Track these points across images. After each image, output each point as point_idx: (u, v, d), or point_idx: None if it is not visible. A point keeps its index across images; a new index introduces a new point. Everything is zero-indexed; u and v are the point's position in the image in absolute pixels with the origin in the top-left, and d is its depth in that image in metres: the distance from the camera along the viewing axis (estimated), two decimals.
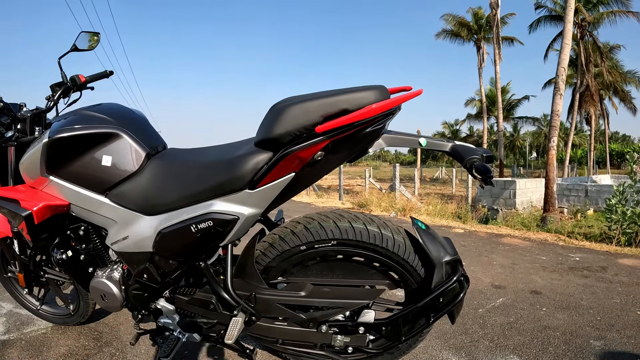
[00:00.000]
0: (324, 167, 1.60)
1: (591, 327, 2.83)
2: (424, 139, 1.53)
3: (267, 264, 1.77)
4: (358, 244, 1.68)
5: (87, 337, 2.61)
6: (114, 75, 2.60)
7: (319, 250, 1.71)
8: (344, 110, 1.41)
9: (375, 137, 1.54)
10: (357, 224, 1.68)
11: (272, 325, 1.80)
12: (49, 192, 1.91)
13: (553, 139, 12.09)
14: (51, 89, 2.34)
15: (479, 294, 3.49)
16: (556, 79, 12.68)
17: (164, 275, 1.83)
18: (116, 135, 1.81)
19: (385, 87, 1.49)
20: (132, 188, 1.78)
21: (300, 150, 1.45)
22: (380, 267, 1.77)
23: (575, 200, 15.28)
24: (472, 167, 1.42)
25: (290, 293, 1.75)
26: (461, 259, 1.71)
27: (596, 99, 32.36)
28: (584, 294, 3.55)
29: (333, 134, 1.42)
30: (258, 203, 1.61)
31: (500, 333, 2.71)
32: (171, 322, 1.93)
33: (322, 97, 1.44)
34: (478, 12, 31.07)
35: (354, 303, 1.75)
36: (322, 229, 1.69)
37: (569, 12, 13.02)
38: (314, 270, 1.82)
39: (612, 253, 5.26)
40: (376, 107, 1.38)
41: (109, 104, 2.06)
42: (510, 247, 5.55)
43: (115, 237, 1.84)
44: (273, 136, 1.47)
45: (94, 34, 2.41)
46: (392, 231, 1.69)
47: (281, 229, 1.78)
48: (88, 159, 1.81)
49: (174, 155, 1.85)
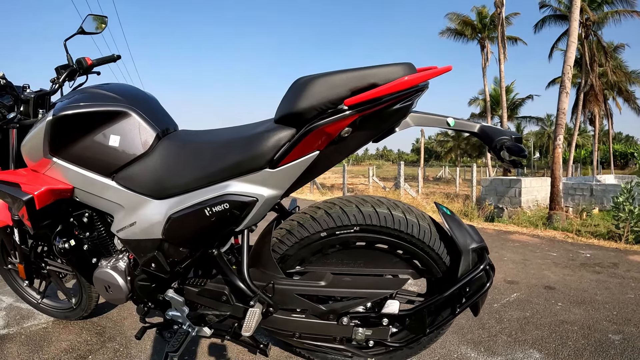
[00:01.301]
0: (350, 145, 1.51)
1: (608, 321, 2.79)
2: (452, 119, 1.46)
3: (284, 252, 1.68)
4: (382, 230, 1.60)
5: (89, 332, 2.52)
6: (113, 64, 2.55)
7: (341, 237, 1.63)
8: (373, 84, 1.35)
9: (403, 114, 1.46)
10: (381, 208, 1.60)
11: (289, 318, 1.71)
12: (51, 175, 1.81)
13: (559, 137, 12.02)
14: (56, 72, 2.26)
15: (493, 289, 3.44)
16: (562, 77, 12.60)
17: (173, 265, 1.74)
18: (125, 114, 1.72)
19: (413, 65, 1.42)
20: (141, 170, 1.69)
21: (327, 125, 1.37)
22: (404, 254, 1.69)
23: (581, 200, 15.21)
24: (503, 148, 1.36)
25: (309, 283, 1.66)
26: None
27: (600, 98, 32.23)
28: (597, 289, 3.50)
29: (362, 108, 1.35)
30: (279, 184, 1.52)
31: (518, 328, 2.67)
32: (180, 315, 1.82)
33: (349, 72, 1.38)
34: (482, 11, 30.94)
35: (377, 293, 1.67)
36: (344, 214, 1.60)
37: (574, 10, 12.95)
38: (334, 259, 1.74)
39: (621, 250, 5.22)
40: (408, 80, 1.31)
41: (118, 83, 1.97)
42: (519, 243, 5.50)
43: (121, 224, 1.74)
44: (297, 111, 1.40)
45: (101, 17, 2.35)
46: (417, 217, 1.62)
47: (300, 214, 1.70)
48: (94, 138, 1.72)
49: (186, 136, 1.76)
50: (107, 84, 1.93)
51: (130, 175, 1.70)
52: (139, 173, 1.69)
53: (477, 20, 30.97)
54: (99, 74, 2.44)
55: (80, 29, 2.27)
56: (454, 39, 32.37)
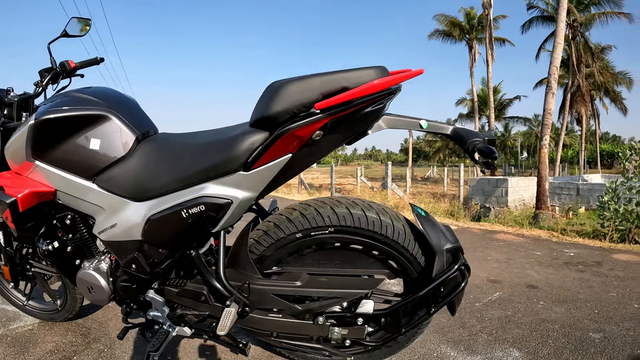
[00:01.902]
0: (322, 148, 1.52)
1: (589, 320, 2.79)
2: (425, 122, 1.48)
3: (261, 252, 1.69)
4: (356, 231, 1.60)
5: (74, 334, 2.52)
6: (102, 65, 2.55)
7: (316, 237, 1.64)
8: (344, 87, 1.36)
9: (375, 117, 1.47)
10: (355, 210, 1.60)
11: (266, 318, 1.72)
12: (34, 178, 1.83)
13: (545, 137, 12.12)
14: (40, 75, 2.27)
15: (475, 288, 3.45)
16: (548, 78, 12.71)
17: (153, 266, 1.75)
18: (105, 118, 1.75)
19: (386, 68, 1.43)
20: (121, 173, 1.71)
21: (298, 129, 1.38)
22: (380, 255, 1.69)
23: (567, 199, 15.31)
24: (475, 150, 1.37)
25: (285, 283, 1.68)
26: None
27: (587, 99, 32.54)
28: (580, 287, 3.51)
29: (332, 112, 1.35)
30: (253, 186, 1.54)
31: (499, 326, 2.66)
32: (160, 315, 1.83)
33: (321, 75, 1.39)
34: (470, 12, 31.18)
35: (352, 293, 1.67)
36: (319, 216, 1.61)
37: (561, 11, 13.08)
38: (310, 259, 1.74)
39: (606, 249, 5.24)
40: (378, 83, 1.32)
41: (99, 87, 1.99)
42: (504, 242, 5.51)
43: (102, 226, 1.76)
44: (270, 114, 1.41)
45: (85, 20, 2.36)
46: (392, 218, 1.62)
47: (276, 216, 1.71)
48: (75, 142, 1.74)
49: (165, 139, 1.78)
50: (89, 87, 1.95)
51: (110, 177, 1.72)
52: (119, 176, 1.71)
53: (465, 22, 31.17)
54: (82, 77, 2.45)
55: (64, 32, 2.29)
56: (442, 40, 32.56)
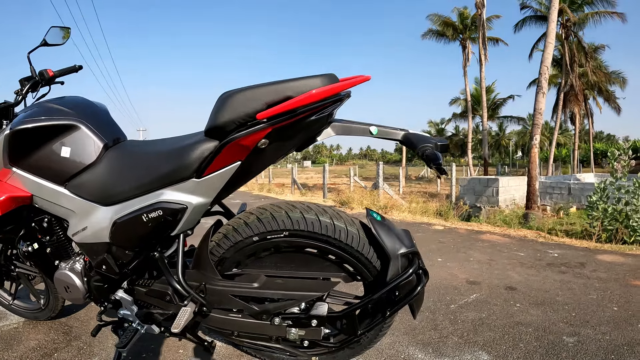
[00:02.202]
0: (270, 155, 1.58)
1: (565, 323, 2.76)
2: (375, 127, 1.51)
3: (221, 255, 1.74)
4: (310, 235, 1.64)
5: (57, 332, 2.63)
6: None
7: (272, 241, 1.69)
8: (288, 97, 1.41)
9: (320, 125, 1.52)
10: (309, 214, 1.65)
11: (226, 317, 1.77)
12: (12, 183, 1.94)
13: (535, 137, 12.13)
14: (20, 83, 2.35)
15: (453, 290, 3.42)
16: (539, 78, 12.73)
17: (121, 266, 1.84)
18: (74, 127, 1.86)
19: (335, 75, 1.47)
20: (90, 179, 1.80)
21: (242, 138, 1.44)
22: (335, 259, 1.72)
23: (558, 198, 15.31)
24: (424, 155, 1.41)
25: (243, 284, 1.73)
26: (433, 255, 1.65)
27: (580, 98, 32.65)
28: (560, 289, 3.49)
29: (275, 121, 1.40)
30: (205, 192, 1.61)
31: (471, 329, 2.64)
32: (130, 314, 1.91)
33: (268, 85, 1.44)
34: (463, 12, 31.16)
35: (307, 295, 1.71)
36: (273, 220, 1.66)
37: (552, 12, 13.10)
38: (268, 262, 1.79)
39: (591, 249, 5.23)
40: (316, 93, 1.36)
41: (72, 96, 2.09)
42: (489, 243, 5.50)
43: (75, 228, 1.85)
44: (218, 124, 1.47)
45: (64, 28, 2.43)
46: (346, 222, 1.65)
47: (235, 219, 1.76)
48: (48, 150, 1.85)
49: (130, 147, 1.88)
50: (62, 97, 2.07)
51: (80, 183, 1.82)
52: (88, 181, 1.81)
53: (459, 21, 31.17)
54: (62, 84, 2.53)
55: (43, 41, 2.35)
56: (436, 40, 32.56)
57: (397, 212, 9.38)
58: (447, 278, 3.80)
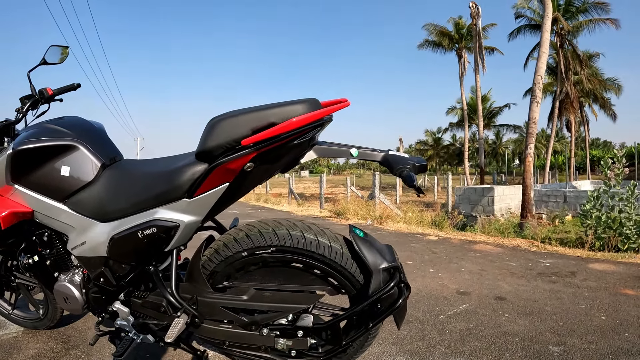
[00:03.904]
0: (257, 176, 1.71)
1: (552, 332, 2.81)
2: (355, 150, 1.60)
3: (213, 269, 1.82)
4: (296, 250, 1.73)
5: (55, 341, 2.69)
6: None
7: (260, 256, 1.77)
8: (272, 123, 1.52)
9: (303, 148, 1.62)
10: (294, 231, 1.74)
11: (218, 328, 1.84)
12: (14, 199, 2.04)
13: (530, 146, 12.18)
14: (20, 102, 2.43)
15: (443, 300, 3.46)
16: (533, 87, 12.78)
17: (118, 279, 1.94)
18: (74, 147, 1.96)
19: (317, 100, 1.59)
20: (88, 196, 1.90)
21: (229, 162, 1.55)
22: (320, 273, 1.80)
23: (554, 206, 15.34)
24: (401, 176, 1.49)
25: (233, 297, 1.81)
26: (425, 266, 1.72)
27: (576, 106, 32.74)
28: (549, 299, 3.53)
29: (260, 146, 1.50)
30: (196, 211, 1.73)
31: (458, 339, 2.68)
32: (127, 324, 2.00)
33: (253, 112, 1.54)
34: (459, 22, 31.31)
35: (294, 307, 1.80)
36: (261, 236, 1.75)
37: (546, 21, 13.17)
38: (257, 276, 1.87)
39: (583, 258, 5.29)
40: (296, 120, 1.47)
41: (70, 117, 2.19)
42: (481, 253, 5.55)
43: (74, 243, 1.94)
44: (207, 149, 1.58)
45: (63, 47, 2.51)
46: (330, 238, 1.74)
47: (225, 235, 1.86)
48: (48, 168, 1.95)
49: (126, 166, 1.99)
50: (61, 118, 2.17)
51: (79, 200, 1.92)
52: (86, 199, 1.91)
53: (454, 31, 31.32)
54: (61, 101, 2.59)
55: (42, 60, 2.44)
56: (432, 50, 32.70)
57: (392, 223, 9.43)
58: (437, 289, 3.84)
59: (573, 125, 34.99)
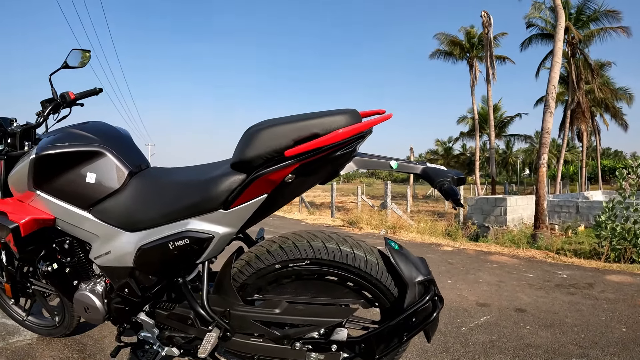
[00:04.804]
0: (296, 188, 1.65)
1: (574, 344, 2.82)
2: (395, 162, 1.56)
3: (243, 281, 1.78)
4: (331, 263, 1.69)
5: (71, 349, 2.62)
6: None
7: (294, 269, 1.72)
8: (315, 134, 1.46)
9: (345, 160, 1.58)
10: (330, 244, 1.70)
11: (248, 342, 1.80)
12: (35, 206, 1.97)
13: (543, 157, 12.15)
14: (41, 105, 2.37)
15: (463, 312, 3.48)
16: (546, 97, 12.78)
17: (144, 290, 1.87)
18: (100, 154, 1.89)
19: (357, 111, 1.54)
20: (115, 205, 1.84)
21: (270, 173, 1.50)
22: (354, 286, 1.76)
23: (567, 217, 15.29)
24: (442, 189, 1.46)
25: (265, 310, 1.77)
26: (443, 277, 1.71)
27: (587, 115, 32.63)
28: (569, 311, 3.54)
29: (302, 157, 1.46)
30: (232, 222, 1.67)
31: (482, 351, 2.69)
32: (151, 336, 1.96)
33: (293, 122, 1.50)
34: (470, 31, 31.34)
35: (327, 321, 1.75)
36: (296, 249, 1.70)
37: (559, 30, 13.19)
38: (289, 288, 1.82)
39: (600, 269, 5.27)
40: (342, 132, 1.43)
41: (95, 122, 2.13)
42: (497, 264, 5.55)
43: (98, 252, 1.88)
44: (246, 159, 1.53)
45: (85, 51, 2.46)
46: (365, 251, 1.70)
47: (257, 247, 1.80)
48: (73, 175, 1.88)
49: (155, 174, 1.91)
50: (86, 123, 2.10)
51: (105, 209, 1.85)
52: (113, 207, 1.84)
53: (466, 40, 31.34)
54: (82, 106, 2.55)
55: (64, 64, 2.38)
56: (444, 59, 32.73)
57: (406, 233, 9.42)
58: (457, 300, 3.85)
59: (585, 134, 34.85)
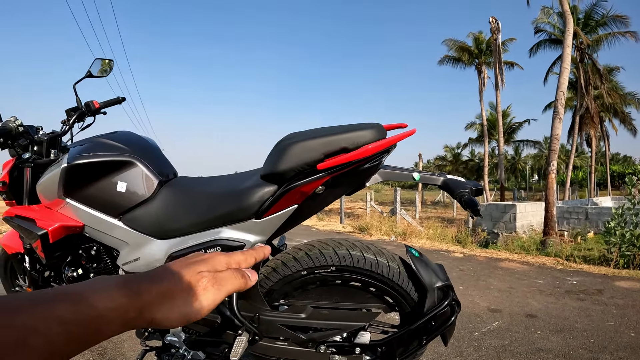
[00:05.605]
0: (326, 199, 1.73)
1: (584, 349, 2.90)
2: (417, 174, 1.68)
3: (270, 287, 1.85)
4: (355, 270, 1.78)
5: (91, 353, 2.68)
6: (126, 95, 2.71)
7: (319, 275, 1.81)
8: (343, 148, 1.55)
9: (372, 172, 1.68)
10: (354, 251, 1.79)
11: (274, 345, 1.87)
12: (64, 213, 2.01)
13: (553, 163, 12.15)
14: (66, 114, 2.44)
15: (475, 318, 3.57)
16: (555, 103, 12.77)
17: None
18: (131, 163, 1.94)
19: (382, 126, 1.64)
20: (145, 213, 1.89)
21: (302, 185, 1.58)
22: (376, 291, 1.86)
23: (576, 223, 15.26)
24: (462, 200, 1.56)
25: (291, 315, 1.84)
26: (455, 283, 1.80)
27: (596, 121, 32.52)
28: (579, 317, 3.62)
29: (333, 170, 1.55)
30: (263, 231, 1.74)
31: (495, 356, 2.78)
32: (177, 340, 1.99)
33: (323, 136, 1.58)
34: (479, 36, 31.34)
35: (351, 325, 1.85)
36: (322, 256, 1.79)
37: (567, 36, 13.18)
38: (314, 294, 1.91)
39: (609, 276, 5.32)
40: (372, 147, 1.52)
41: (124, 132, 2.19)
42: (508, 271, 5.62)
43: (126, 258, 1.94)
44: (278, 171, 1.60)
45: (107, 60, 2.54)
46: (388, 258, 1.80)
47: (284, 254, 1.88)
48: (104, 184, 1.93)
49: (185, 184, 1.98)
50: (114, 132, 2.15)
51: (135, 217, 1.91)
52: (143, 216, 1.90)
53: (474, 46, 31.36)
54: (105, 114, 2.62)
55: (88, 73, 2.46)
56: (453, 65, 32.77)
57: (416, 239, 9.49)
58: (469, 306, 3.94)
59: (593, 140, 34.74)
